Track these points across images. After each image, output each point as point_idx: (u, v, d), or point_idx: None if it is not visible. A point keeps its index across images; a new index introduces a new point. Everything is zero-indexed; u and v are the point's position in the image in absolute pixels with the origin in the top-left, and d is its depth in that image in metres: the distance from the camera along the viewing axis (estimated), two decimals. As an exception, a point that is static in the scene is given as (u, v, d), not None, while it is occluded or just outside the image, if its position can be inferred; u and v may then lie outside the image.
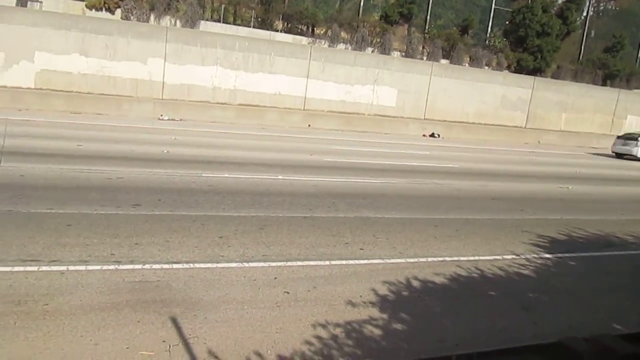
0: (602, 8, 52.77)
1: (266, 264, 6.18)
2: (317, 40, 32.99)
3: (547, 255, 7.71)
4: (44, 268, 5.41)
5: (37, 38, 20.78)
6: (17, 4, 26.38)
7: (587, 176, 17.37)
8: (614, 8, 52.30)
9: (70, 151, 12.12)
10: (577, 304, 5.98)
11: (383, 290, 5.72)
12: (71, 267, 5.50)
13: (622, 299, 6.34)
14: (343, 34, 33.99)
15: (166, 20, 30.46)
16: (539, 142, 29.52)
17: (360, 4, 40.46)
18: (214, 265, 5.99)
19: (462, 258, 7.15)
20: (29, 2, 27.57)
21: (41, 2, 29.24)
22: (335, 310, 5.13)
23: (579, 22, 45.14)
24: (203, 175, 10.93)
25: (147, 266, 5.73)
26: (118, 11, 30.23)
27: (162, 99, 22.93)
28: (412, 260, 6.88)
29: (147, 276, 5.50)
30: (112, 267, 5.63)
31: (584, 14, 47.62)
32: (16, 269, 5.32)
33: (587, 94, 32.42)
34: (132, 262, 5.80)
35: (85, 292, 4.98)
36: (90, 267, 5.56)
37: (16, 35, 20.42)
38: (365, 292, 5.63)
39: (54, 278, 5.21)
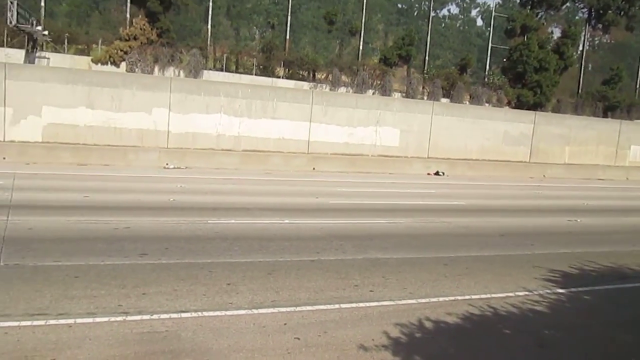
0: (597, 42, 53.64)
1: (275, 310, 6.10)
2: (319, 84, 33.65)
3: (561, 290, 7.59)
4: (52, 322, 5.36)
5: (45, 93, 21.20)
6: (25, 61, 27.15)
7: (595, 208, 17.25)
8: (609, 41, 53.19)
9: (77, 203, 12.19)
10: (593, 340, 5.84)
11: (395, 332, 5.62)
12: (79, 320, 5.45)
13: (639, 332, 6.20)
14: (344, 78, 34.66)
15: (170, 71, 31.18)
16: (544, 176, 29.46)
17: (359, 48, 41.33)
18: (223, 312, 5.92)
19: (474, 296, 7.04)
20: (37, 59, 28.40)
21: (49, 58, 30.13)
22: (347, 355, 5.03)
23: (575, 57, 45.88)
24: (209, 222, 10.92)
25: (155, 316, 5.67)
26: (123, 64, 31.04)
27: (167, 147, 23.17)
28: (423, 300, 6.79)
29: (155, 326, 5.43)
30: (119, 318, 5.57)
31: (580, 48, 48.45)
32: (23, 323, 5.27)
33: (588, 126, 32.57)
34: (140, 313, 5.74)
35: (92, 345, 4.92)
36: (97, 319, 5.50)
37: (24, 91, 20.84)
38: (377, 335, 5.53)
39: (62, 331, 5.16)
